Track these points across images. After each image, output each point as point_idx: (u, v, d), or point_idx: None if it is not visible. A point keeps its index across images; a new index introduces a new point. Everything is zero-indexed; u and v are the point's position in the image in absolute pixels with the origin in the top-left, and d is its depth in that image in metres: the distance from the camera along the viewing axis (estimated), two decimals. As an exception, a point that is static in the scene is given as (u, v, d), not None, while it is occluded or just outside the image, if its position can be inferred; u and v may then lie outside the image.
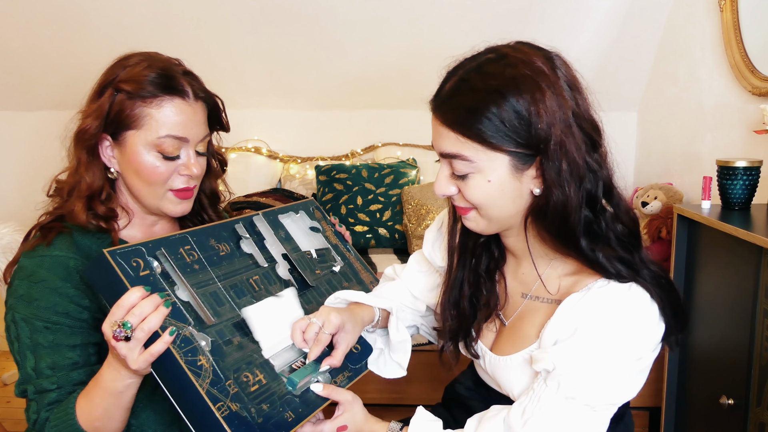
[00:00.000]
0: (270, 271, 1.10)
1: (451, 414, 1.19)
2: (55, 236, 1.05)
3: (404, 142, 3.21)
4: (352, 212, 2.85)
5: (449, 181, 0.93)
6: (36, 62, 2.88)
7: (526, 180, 0.90)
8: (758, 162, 1.78)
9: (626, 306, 0.88)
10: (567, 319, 0.90)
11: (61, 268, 1.02)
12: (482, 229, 0.96)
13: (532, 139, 0.86)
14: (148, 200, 1.09)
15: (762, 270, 1.42)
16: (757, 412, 1.43)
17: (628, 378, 0.89)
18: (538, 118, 0.85)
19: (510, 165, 0.88)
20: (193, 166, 1.07)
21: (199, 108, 1.08)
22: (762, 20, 2.11)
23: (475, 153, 0.88)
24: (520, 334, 0.99)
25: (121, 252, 0.90)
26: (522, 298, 1.02)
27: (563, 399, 0.88)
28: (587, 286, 0.91)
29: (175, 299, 0.92)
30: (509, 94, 0.85)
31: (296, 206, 1.27)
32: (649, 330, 0.89)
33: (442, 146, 0.91)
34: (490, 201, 0.91)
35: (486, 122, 0.86)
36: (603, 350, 0.86)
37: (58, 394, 0.99)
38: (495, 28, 2.81)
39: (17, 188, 3.13)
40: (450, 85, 0.91)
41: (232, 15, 2.73)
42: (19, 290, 1.02)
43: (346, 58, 2.96)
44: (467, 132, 0.87)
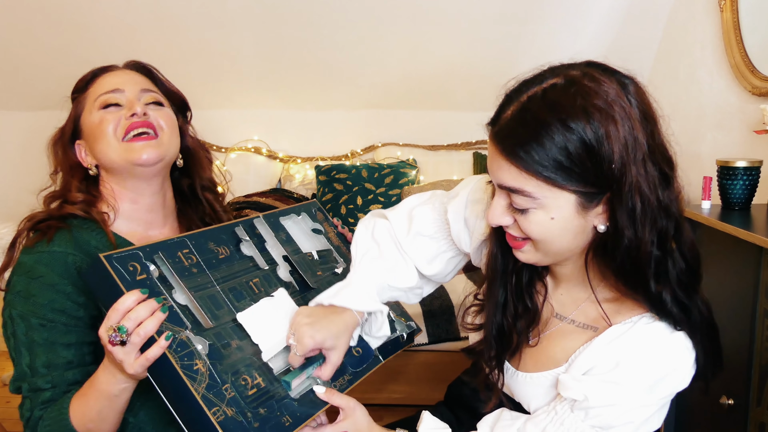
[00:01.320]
0: (270, 273, 1.09)
1: (454, 414, 1.19)
2: (55, 232, 1.05)
3: (404, 142, 3.21)
4: (352, 212, 2.85)
5: (506, 212, 0.87)
6: (36, 62, 2.88)
7: (591, 216, 0.83)
8: (758, 162, 1.78)
9: (668, 349, 0.85)
10: (606, 351, 0.87)
11: (60, 265, 1.02)
12: (536, 261, 0.90)
13: (603, 177, 0.79)
14: (116, 159, 1.08)
15: (762, 270, 1.42)
16: (757, 412, 1.43)
17: (656, 412, 0.89)
18: (611, 154, 0.77)
19: (576, 203, 0.81)
20: (136, 105, 1.08)
21: (131, 73, 1.15)
22: (762, 20, 2.11)
23: (538, 190, 0.81)
24: (547, 354, 0.96)
25: (118, 256, 0.90)
26: (556, 319, 0.98)
27: (589, 428, 0.87)
28: (631, 320, 0.88)
29: (172, 303, 0.92)
30: (578, 127, 0.77)
31: (298, 208, 1.26)
32: (683, 375, 0.87)
33: (502, 179, 0.83)
34: (551, 237, 0.84)
35: (552, 159, 0.78)
36: (638, 389, 0.85)
37: (52, 393, 0.99)
38: (495, 27, 2.81)
39: (17, 188, 3.13)
40: (511, 113, 0.82)
41: (232, 15, 2.73)
42: (17, 286, 1.02)
43: (346, 59, 2.96)
44: (530, 167, 0.79)
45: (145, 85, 1.14)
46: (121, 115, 1.08)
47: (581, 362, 0.89)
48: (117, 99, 1.09)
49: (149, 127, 1.08)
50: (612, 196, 0.80)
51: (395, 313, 1.23)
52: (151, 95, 1.12)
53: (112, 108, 1.09)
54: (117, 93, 1.10)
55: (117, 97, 1.09)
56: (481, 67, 2.96)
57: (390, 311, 1.21)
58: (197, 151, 1.21)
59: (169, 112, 1.14)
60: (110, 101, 1.09)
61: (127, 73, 1.14)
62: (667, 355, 0.85)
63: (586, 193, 0.81)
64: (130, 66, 1.16)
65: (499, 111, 0.85)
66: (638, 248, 0.81)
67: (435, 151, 3.21)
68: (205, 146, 1.27)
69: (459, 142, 3.22)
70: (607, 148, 0.77)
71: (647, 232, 0.81)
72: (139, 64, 1.17)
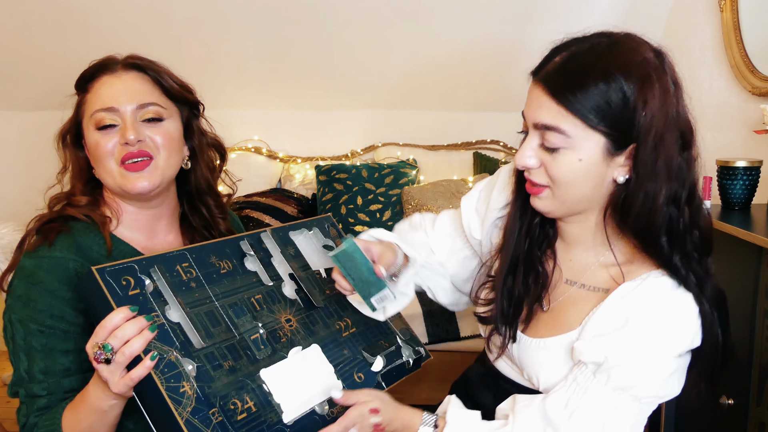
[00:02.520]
0: (275, 290, 1.06)
1: None
2: (57, 236, 1.04)
3: (404, 142, 3.21)
4: (352, 212, 2.85)
5: (534, 153, 0.92)
6: (36, 62, 2.88)
7: (613, 166, 0.90)
8: (758, 162, 1.78)
9: (675, 302, 0.89)
10: (617, 308, 0.91)
11: (61, 270, 1.01)
12: (550, 210, 0.95)
13: (633, 126, 0.86)
14: (109, 182, 1.08)
15: (762, 270, 1.42)
16: (757, 412, 1.43)
17: (672, 373, 0.90)
18: (644, 106, 0.85)
19: (604, 147, 0.88)
20: (127, 131, 1.04)
21: (130, 77, 1.09)
22: (762, 20, 2.11)
23: (573, 128, 0.87)
24: (560, 319, 0.99)
25: (111, 269, 0.88)
26: (567, 285, 1.01)
27: (612, 390, 0.89)
28: (640, 277, 0.91)
29: (163, 320, 0.89)
30: (619, 76, 0.85)
31: (310, 223, 1.22)
32: (693, 331, 0.90)
33: (541, 117, 0.89)
34: (573, 181, 0.90)
35: (591, 100, 0.85)
36: (653, 342, 0.88)
37: (48, 400, 0.98)
38: (496, 27, 2.81)
39: (17, 188, 3.13)
40: (560, 59, 0.90)
41: (232, 15, 2.73)
42: (17, 290, 1.01)
43: (346, 58, 2.96)
44: (571, 106, 0.86)
45: (144, 94, 1.08)
46: (116, 140, 1.06)
47: (594, 324, 0.92)
48: (112, 120, 1.06)
49: (144, 156, 1.06)
50: (637, 148, 0.87)
51: (404, 338, 1.20)
52: (148, 110, 1.07)
53: (107, 129, 1.06)
54: (111, 113, 1.05)
55: (112, 118, 1.06)
56: (481, 67, 2.96)
57: (398, 335, 1.20)
58: (201, 152, 1.18)
59: (167, 128, 1.09)
60: (105, 122, 1.06)
61: (125, 81, 1.08)
62: (673, 308, 0.89)
63: (615, 138, 0.87)
64: (130, 65, 1.10)
65: (546, 60, 0.91)
66: (655, 198, 0.87)
67: (435, 151, 3.21)
68: (219, 143, 1.23)
69: (459, 142, 3.21)
70: (642, 100, 0.85)
71: (664, 187, 0.87)
72: (140, 65, 1.11)
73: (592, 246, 0.99)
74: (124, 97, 1.06)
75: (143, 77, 1.10)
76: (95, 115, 1.06)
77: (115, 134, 1.06)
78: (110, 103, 1.06)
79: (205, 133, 1.20)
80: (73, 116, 1.12)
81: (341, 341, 1.10)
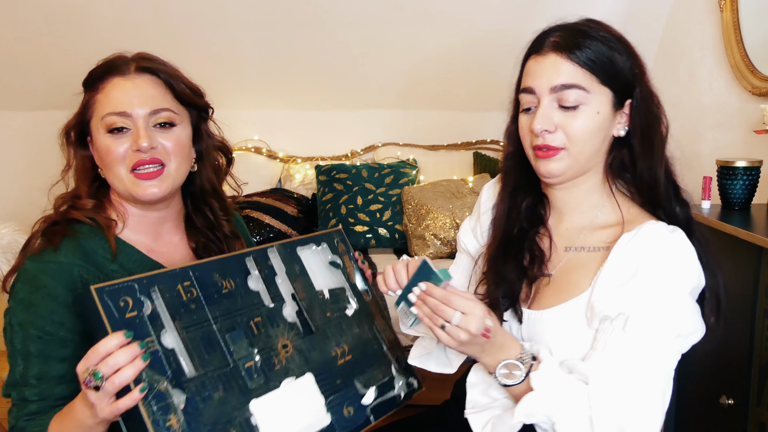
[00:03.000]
0: (275, 311, 1.04)
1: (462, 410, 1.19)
2: (62, 240, 1.03)
3: (404, 142, 3.21)
4: (352, 212, 2.85)
5: (552, 115, 0.99)
6: (35, 62, 2.88)
7: (615, 122, 1.02)
8: (758, 162, 1.78)
9: (677, 242, 0.96)
10: (623, 260, 0.95)
11: (65, 276, 1.01)
12: (563, 171, 1.01)
13: (629, 82, 1.01)
14: (119, 187, 1.07)
15: (762, 270, 1.42)
16: (757, 412, 1.43)
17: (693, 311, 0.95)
18: (637, 67, 1.01)
19: (611, 101, 1.00)
20: (140, 138, 1.03)
21: (142, 81, 1.07)
22: (762, 20, 2.11)
23: (590, 84, 0.98)
24: (567, 284, 1.02)
25: (110, 289, 0.86)
26: (565, 252, 1.06)
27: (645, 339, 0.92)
28: (636, 228, 0.97)
29: (158, 346, 0.88)
30: (617, 43, 1.01)
31: (319, 237, 1.20)
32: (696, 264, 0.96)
33: (559, 79, 0.98)
34: (591, 136, 0.99)
35: (600, 59, 0.98)
36: (666, 283, 0.93)
37: (38, 405, 0.98)
38: (496, 27, 2.81)
39: (17, 188, 3.13)
40: (560, 33, 1.02)
41: (232, 15, 2.73)
42: (20, 294, 1.01)
43: (346, 58, 2.96)
44: (585, 65, 0.98)
45: (157, 99, 1.07)
46: (128, 145, 1.04)
47: (605, 279, 0.96)
48: (124, 123, 1.04)
49: (156, 163, 1.05)
50: (635, 102, 1.01)
51: (399, 368, 1.19)
52: (161, 116, 1.06)
53: (118, 133, 1.05)
54: (124, 117, 1.04)
55: (124, 122, 1.04)
56: (482, 67, 2.96)
57: (394, 364, 1.19)
58: (208, 155, 1.17)
59: (178, 134, 1.09)
60: (117, 125, 1.04)
61: (138, 85, 1.06)
62: (676, 248, 0.96)
63: (618, 94, 1.00)
64: (142, 68, 1.08)
65: (543, 38, 1.04)
66: (653, 140, 1.01)
67: (435, 151, 3.21)
68: (225, 146, 1.22)
69: (459, 142, 3.21)
70: (635, 62, 1.01)
71: (657, 135, 1.02)
72: (153, 68, 1.09)
73: (587, 209, 1.06)
74: (137, 102, 1.05)
75: (156, 81, 1.08)
76: (107, 119, 1.04)
77: (126, 139, 1.05)
78: (123, 107, 1.04)
79: (212, 135, 1.19)
80: (78, 114, 1.10)
81: (336, 369, 1.08)
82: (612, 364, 0.92)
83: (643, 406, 0.90)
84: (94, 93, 1.07)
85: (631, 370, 0.91)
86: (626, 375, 0.91)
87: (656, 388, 0.92)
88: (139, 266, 1.09)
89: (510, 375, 0.93)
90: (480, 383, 1.02)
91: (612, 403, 0.90)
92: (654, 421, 0.91)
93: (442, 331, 0.90)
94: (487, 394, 1.01)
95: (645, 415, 0.90)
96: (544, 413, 0.90)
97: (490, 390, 1.00)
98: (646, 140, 1.02)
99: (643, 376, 0.91)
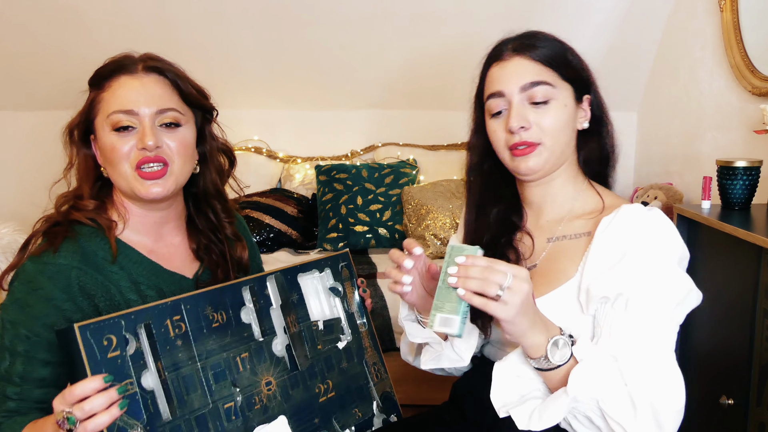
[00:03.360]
0: (264, 345, 1.03)
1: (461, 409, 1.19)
2: (62, 242, 1.03)
3: (404, 142, 3.21)
4: (352, 212, 2.85)
5: (526, 113, 1.04)
6: (36, 62, 2.88)
7: (578, 115, 1.09)
8: (758, 162, 1.78)
9: (658, 220, 1.00)
10: (607, 241, 0.99)
11: (63, 279, 1.01)
12: (542, 166, 1.05)
13: (585, 79, 1.09)
14: (122, 185, 1.07)
15: (762, 270, 1.42)
16: (757, 412, 1.43)
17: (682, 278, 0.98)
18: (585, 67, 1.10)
19: (573, 95, 1.07)
20: (146, 136, 1.03)
21: (150, 80, 1.07)
22: (762, 20, 2.11)
23: (554, 79, 1.05)
24: (555, 272, 1.05)
25: (95, 326, 0.85)
26: (549, 243, 1.09)
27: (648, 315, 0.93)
28: (614, 212, 1.01)
29: (137, 389, 0.87)
30: (564, 44, 1.09)
31: (324, 262, 1.18)
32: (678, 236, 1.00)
33: (526, 77, 1.04)
34: (563, 127, 1.05)
35: (559, 55, 1.06)
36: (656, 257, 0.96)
37: (17, 405, 0.98)
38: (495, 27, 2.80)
39: (17, 188, 3.13)
40: (516, 41, 1.08)
41: (232, 15, 2.73)
42: (16, 293, 1.01)
43: (346, 58, 2.96)
44: (547, 61, 1.05)
45: (164, 98, 1.07)
46: (133, 143, 1.04)
47: (593, 263, 0.98)
48: (130, 122, 1.04)
49: (160, 161, 1.05)
50: (592, 95, 1.10)
51: (380, 406, 1.18)
52: (167, 115, 1.06)
53: (124, 132, 1.04)
54: (130, 116, 1.04)
55: (130, 120, 1.04)
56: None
57: (376, 402, 1.18)
58: (211, 157, 1.17)
59: (183, 134, 1.09)
60: (123, 123, 1.04)
61: (145, 84, 1.06)
62: (657, 223, 0.99)
63: (577, 89, 1.08)
64: (150, 67, 1.08)
65: (499, 47, 1.09)
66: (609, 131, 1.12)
67: (435, 151, 3.21)
68: (229, 149, 1.22)
69: (459, 142, 3.21)
70: (581, 63, 1.10)
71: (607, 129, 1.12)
72: (160, 68, 1.09)
73: (564, 201, 1.10)
74: (144, 101, 1.05)
75: (163, 81, 1.09)
76: (113, 116, 1.04)
77: (132, 137, 1.04)
78: (129, 105, 1.04)
79: (216, 138, 1.19)
80: (83, 112, 1.09)
81: (316, 407, 1.08)
82: (627, 342, 0.93)
83: (666, 380, 0.92)
84: (100, 91, 1.07)
85: (645, 347, 0.93)
86: (643, 351, 0.93)
87: (671, 360, 0.94)
88: (139, 267, 1.09)
89: (559, 353, 0.90)
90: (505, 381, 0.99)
91: (643, 379, 0.90)
92: (680, 394, 0.92)
93: (496, 303, 0.85)
94: (515, 391, 0.97)
95: (670, 389, 0.91)
96: (590, 392, 0.88)
97: (517, 386, 0.98)
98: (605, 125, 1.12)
99: (656, 350, 0.93)
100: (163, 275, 1.11)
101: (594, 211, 1.07)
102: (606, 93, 1.13)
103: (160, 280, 1.10)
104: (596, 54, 2.91)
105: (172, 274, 1.12)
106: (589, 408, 0.90)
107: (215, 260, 1.18)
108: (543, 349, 0.91)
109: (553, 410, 0.89)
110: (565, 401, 0.89)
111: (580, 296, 0.99)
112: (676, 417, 0.91)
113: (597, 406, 0.90)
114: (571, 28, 2.80)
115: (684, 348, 1.82)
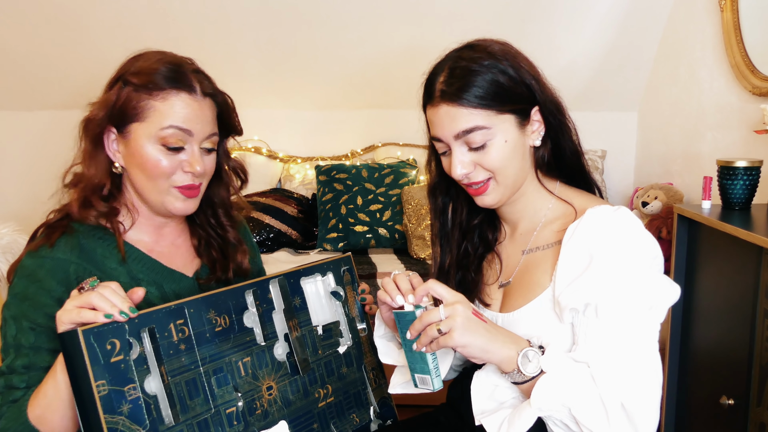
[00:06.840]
0: (266, 350, 1.04)
1: (457, 412, 1.19)
2: (59, 237, 1.04)
3: (404, 142, 3.21)
4: (352, 212, 2.85)
5: (466, 159, 1.02)
6: (36, 62, 2.88)
7: (527, 135, 1.03)
8: (758, 162, 1.78)
9: (624, 220, 0.97)
10: (574, 249, 0.97)
11: (60, 272, 1.01)
12: (500, 199, 1.04)
13: (527, 94, 1.01)
14: (152, 196, 1.07)
15: (762, 270, 1.42)
16: (757, 412, 1.43)
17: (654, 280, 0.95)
18: (525, 73, 1.01)
19: (516, 122, 1.01)
20: (196, 163, 1.05)
21: (206, 105, 1.07)
22: (762, 20, 2.11)
23: (489, 120, 0.99)
24: (530, 284, 1.04)
25: (99, 330, 0.84)
26: (523, 255, 1.08)
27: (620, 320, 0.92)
28: (579, 218, 0.99)
29: (139, 393, 0.87)
30: (497, 62, 1.00)
31: (326, 266, 1.18)
32: (647, 237, 0.97)
33: (458, 125, 1.00)
34: (508, 161, 1.01)
35: (489, 90, 0.98)
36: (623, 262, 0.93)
37: (25, 393, 0.98)
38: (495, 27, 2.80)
39: (17, 188, 3.13)
40: (443, 77, 1.02)
41: (232, 15, 2.74)
42: (16, 288, 1.02)
43: (346, 58, 2.96)
44: (477, 103, 0.98)
45: (212, 125, 1.08)
46: (179, 164, 1.04)
47: (563, 273, 0.97)
48: (182, 141, 1.04)
49: (199, 183, 1.08)
50: (540, 108, 1.03)
51: (377, 411, 1.19)
52: (210, 140, 1.08)
53: (173, 151, 1.04)
54: (186, 135, 1.04)
55: (184, 138, 1.04)
56: (481, 67, 2.96)
57: (374, 407, 1.19)
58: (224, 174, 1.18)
59: (214, 156, 1.11)
60: (175, 143, 1.03)
61: (203, 108, 1.06)
62: (623, 226, 0.96)
63: (520, 111, 1.01)
64: (207, 93, 1.07)
65: (429, 85, 1.05)
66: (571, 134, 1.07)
67: (435, 151, 3.21)
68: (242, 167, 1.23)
69: (459, 142, 3.22)
70: (522, 74, 1.01)
71: (568, 127, 1.06)
72: (220, 96, 1.11)
73: (534, 213, 1.09)
74: (200, 125, 1.05)
75: (213, 106, 1.10)
76: (168, 130, 1.03)
77: (178, 157, 1.05)
78: (189, 125, 1.04)
79: (230, 156, 1.20)
80: (117, 107, 1.04)
81: (315, 413, 1.09)
82: (601, 348, 0.93)
83: (638, 380, 0.91)
84: (149, 98, 1.03)
85: (618, 351, 0.92)
86: (616, 355, 0.92)
87: (646, 360, 0.92)
88: (140, 264, 1.09)
89: (531, 365, 0.92)
90: (484, 389, 1.01)
91: (615, 382, 0.90)
92: (653, 395, 0.92)
93: (442, 337, 0.89)
94: (494, 399, 1.00)
95: (644, 389, 0.91)
96: (559, 400, 0.89)
97: (495, 395, 1.00)
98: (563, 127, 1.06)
99: (628, 353, 0.92)
100: (163, 273, 1.11)
101: (564, 216, 1.05)
102: (606, 93, 1.09)
103: (160, 277, 1.10)
104: (596, 54, 2.92)
105: (172, 272, 1.12)
106: (563, 415, 0.91)
107: (215, 256, 1.18)
108: (514, 363, 0.92)
109: (520, 422, 0.91)
110: (529, 413, 0.90)
111: (555, 307, 0.98)
112: (651, 416, 0.90)
113: (569, 413, 0.90)
114: (571, 27, 2.81)
115: (684, 348, 1.82)
